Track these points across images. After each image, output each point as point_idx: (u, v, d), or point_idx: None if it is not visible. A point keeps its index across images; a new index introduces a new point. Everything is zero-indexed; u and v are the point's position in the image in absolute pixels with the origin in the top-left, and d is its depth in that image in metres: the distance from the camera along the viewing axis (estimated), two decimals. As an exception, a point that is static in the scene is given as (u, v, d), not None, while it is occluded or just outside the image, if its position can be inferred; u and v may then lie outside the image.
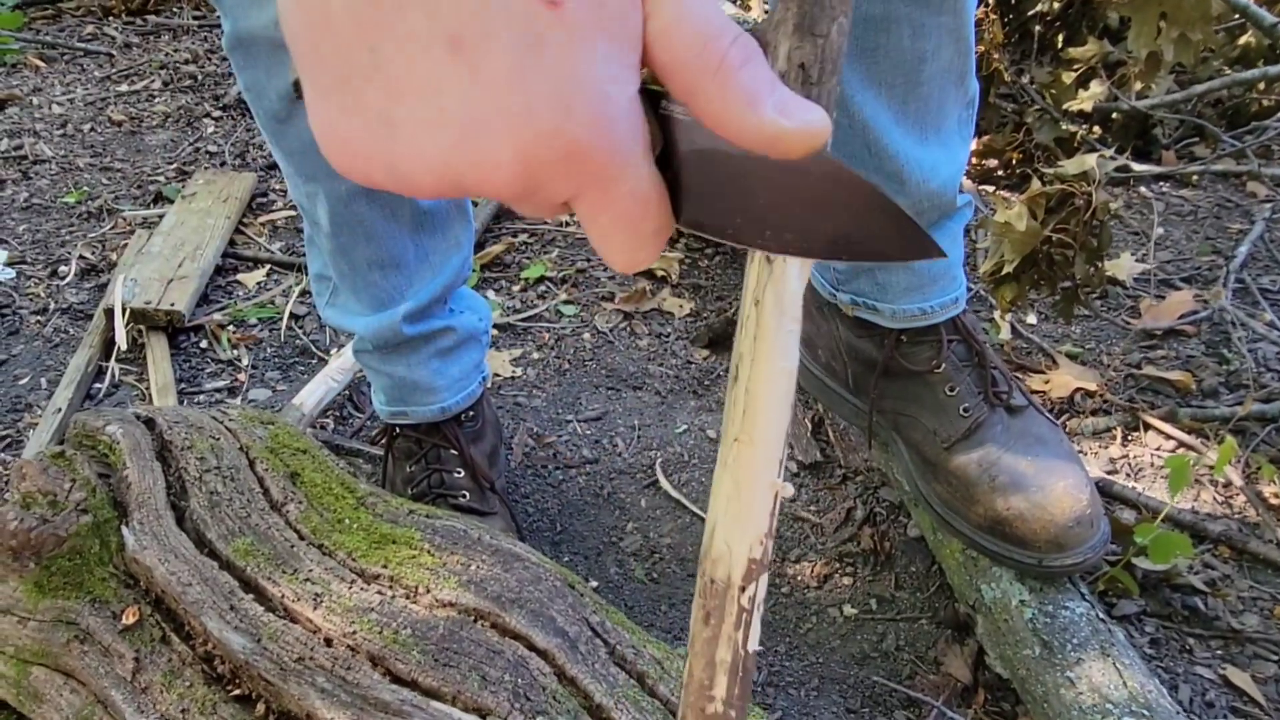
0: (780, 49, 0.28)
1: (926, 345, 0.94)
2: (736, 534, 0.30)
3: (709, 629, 0.31)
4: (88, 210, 1.82)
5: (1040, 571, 0.89)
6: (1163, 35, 1.36)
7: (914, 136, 0.82)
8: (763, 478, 0.30)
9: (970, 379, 0.93)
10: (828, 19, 0.28)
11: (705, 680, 0.31)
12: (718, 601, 0.31)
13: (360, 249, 0.90)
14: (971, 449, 0.91)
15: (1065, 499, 0.87)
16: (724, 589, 0.31)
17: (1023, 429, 0.92)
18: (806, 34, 0.28)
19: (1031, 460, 0.89)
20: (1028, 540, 0.87)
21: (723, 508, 0.31)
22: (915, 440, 0.96)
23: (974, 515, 0.91)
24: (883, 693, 0.96)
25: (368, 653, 0.64)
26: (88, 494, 0.74)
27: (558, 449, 1.27)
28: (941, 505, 0.95)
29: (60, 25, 2.77)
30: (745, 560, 0.30)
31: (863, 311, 0.95)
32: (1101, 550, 0.88)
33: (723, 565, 0.31)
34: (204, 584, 0.68)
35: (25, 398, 1.36)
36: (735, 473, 0.30)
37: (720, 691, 0.31)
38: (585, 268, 1.66)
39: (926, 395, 0.94)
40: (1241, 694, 0.93)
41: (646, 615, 1.05)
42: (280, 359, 1.44)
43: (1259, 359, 1.34)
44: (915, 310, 0.92)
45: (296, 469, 0.80)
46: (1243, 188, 1.81)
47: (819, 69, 0.28)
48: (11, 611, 0.72)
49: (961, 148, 0.88)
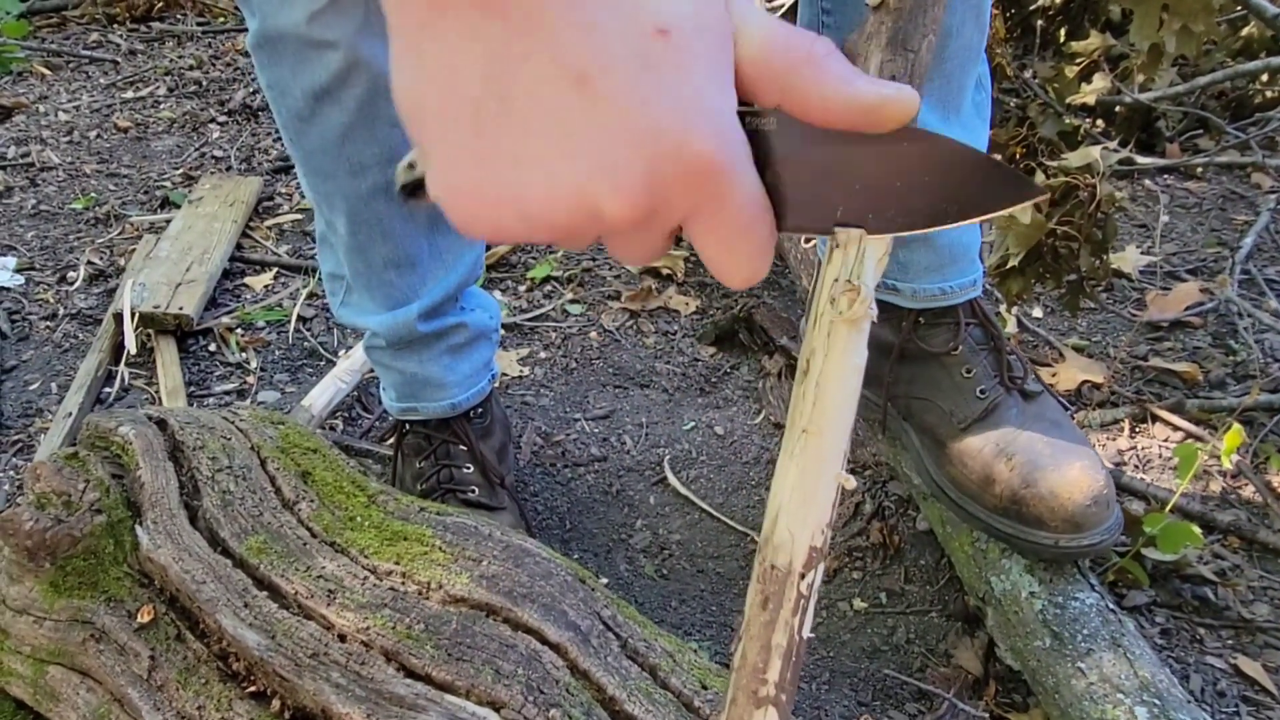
0: (872, 60, 0.30)
1: (944, 327, 0.94)
2: (800, 522, 0.31)
3: (767, 613, 0.32)
4: (95, 216, 1.83)
5: (1056, 553, 0.88)
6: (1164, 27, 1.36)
7: (937, 114, 0.83)
8: (829, 468, 0.31)
9: (987, 362, 0.93)
10: (919, 35, 0.30)
11: (760, 664, 0.32)
12: (777, 587, 0.31)
13: (377, 248, 0.91)
14: (987, 430, 0.91)
15: (1083, 479, 0.86)
16: (784, 575, 0.31)
17: (1037, 413, 0.93)
18: (900, 48, 0.30)
19: (1047, 442, 0.89)
20: (1045, 520, 0.87)
21: (787, 496, 0.31)
22: (929, 424, 0.96)
23: (989, 497, 0.91)
24: (894, 686, 0.97)
25: (381, 648, 0.64)
26: (101, 494, 0.74)
27: (566, 447, 1.28)
28: (955, 490, 0.94)
29: (65, 33, 2.78)
30: (807, 548, 0.31)
31: (882, 293, 0.95)
32: (1116, 533, 0.88)
33: (784, 552, 0.31)
34: (218, 582, 0.69)
35: (36, 402, 1.37)
36: (802, 462, 0.31)
37: (774, 675, 0.32)
38: (591, 267, 1.66)
39: (943, 378, 0.94)
40: (1253, 683, 0.93)
41: (657, 611, 1.05)
42: (288, 361, 1.45)
43: (1266, 349, 1.34)
44: (935, 290, 0.92)
45: (308, 468, 0.81)
46: (1247, 179, 1.81)
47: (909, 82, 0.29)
48: (28, 611, 0.73)
49: (981, 129, 0.89)
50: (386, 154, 0.84)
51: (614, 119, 0.28)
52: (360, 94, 0.80)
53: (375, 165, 0.85)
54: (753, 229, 0.30)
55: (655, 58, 0.28)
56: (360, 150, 0.83)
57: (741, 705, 0.32)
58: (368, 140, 0.83)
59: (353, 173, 0.85)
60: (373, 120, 0.82)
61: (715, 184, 0.29)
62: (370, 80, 0.79)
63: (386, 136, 0.83)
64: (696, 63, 0.28)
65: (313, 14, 0.75)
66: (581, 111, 0.28)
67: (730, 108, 0.29)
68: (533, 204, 0.29)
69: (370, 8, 0.76)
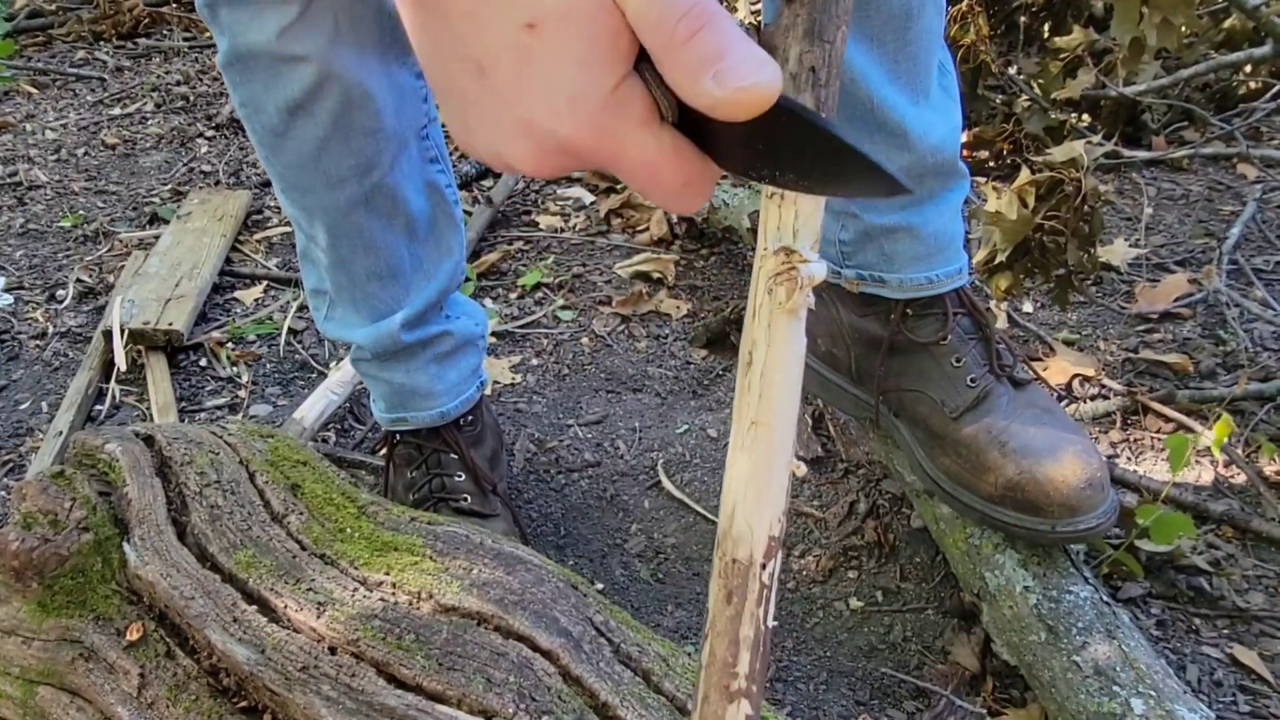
0: (791, 52, 0.31)
1: (932, 317, 0.94)
2: (757, 514, 0.32)
3: (731, 608, 0.32)
4: (84, 234, 1.82)
5: (1054, 539, 0.88)
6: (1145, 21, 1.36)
7: (907, 96, 0.83)
8: (780, 458, 0.31)
9: (976, 351, 0.93)
10: (834, 26, 0.31)
11: (729, 658, 0.32)
12: (740, 580, 0.32)
13: (359, 260, 0.91)
14: (980, 418, 0.91)
15: (1077, 462, 0.86)
16: (746, 568, 0.32)
17: (1028, 400, 0.93)
18: (816, 39, 0.31)
19: (1040, 427, 0.89)
20: (1041, 506, 0.87)
21: (741, 489, 0.32)
22: (921, 415, 0.96)
23: (985, 485, 0.90)
24: (891, 684, 0.96)
25: (372, 659, 0.64)
26: (88, 512, 0.74)
27: (559, 453, 1.28)
28: (950, 481, 0.94)
29: (51, 51, 2.78)
30: (766, 538, 0.32)
31: (869, 285, 0.95)
32: (1113, 517, 0.88)
33: (744, 545, 0.32)
34: (207, 597, 0.68)
35: (26, 422, 1.36)
36: (753, 454, 0.31)
37: (744, 668, 0.32)
38: (581, 273, 1.66)
39: (933, 368, 0.94)
40: (1250, 672, 0.93)
41: (653, 616, 1.05)
42: (280, 374, 1.45)
43: (1255, 339, 1.34)
44: (922, 279, 0.92)
45: (297, 481, 0.80)
46: (1233, 170, 1.81)
47: (827, 72, 0.30)
48: (16, 632, 0.72)
49: (953, 109, 0.89)
50: (362, 165, 0.84)
51: (502, 106, 0.32)
52: (333, 106, 0.80)
53: (352, 177, 0.85)
54: (657, 178, 0.32)
55: (528, 50, 0.30)
56: (336, 163, 0.83)
57: (715, 702, 0.32)
58: (343, 152, 0.83)
59: (330, 185, 0.85)
60: (347, 132, 0.82)
61: (595, 157, 0.32)
62: (342, 92, 0.79)
63: (361, 147, 0.83)
64: (566, 48, 0.30)
65: (283, 29, 0.75)
66: (483, 95, 0.32)
67: (605, 85, 0.30)
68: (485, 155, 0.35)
69: (340, 21, 0.76)
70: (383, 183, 0.87)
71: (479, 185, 1.96)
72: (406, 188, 0.90)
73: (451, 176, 0.98)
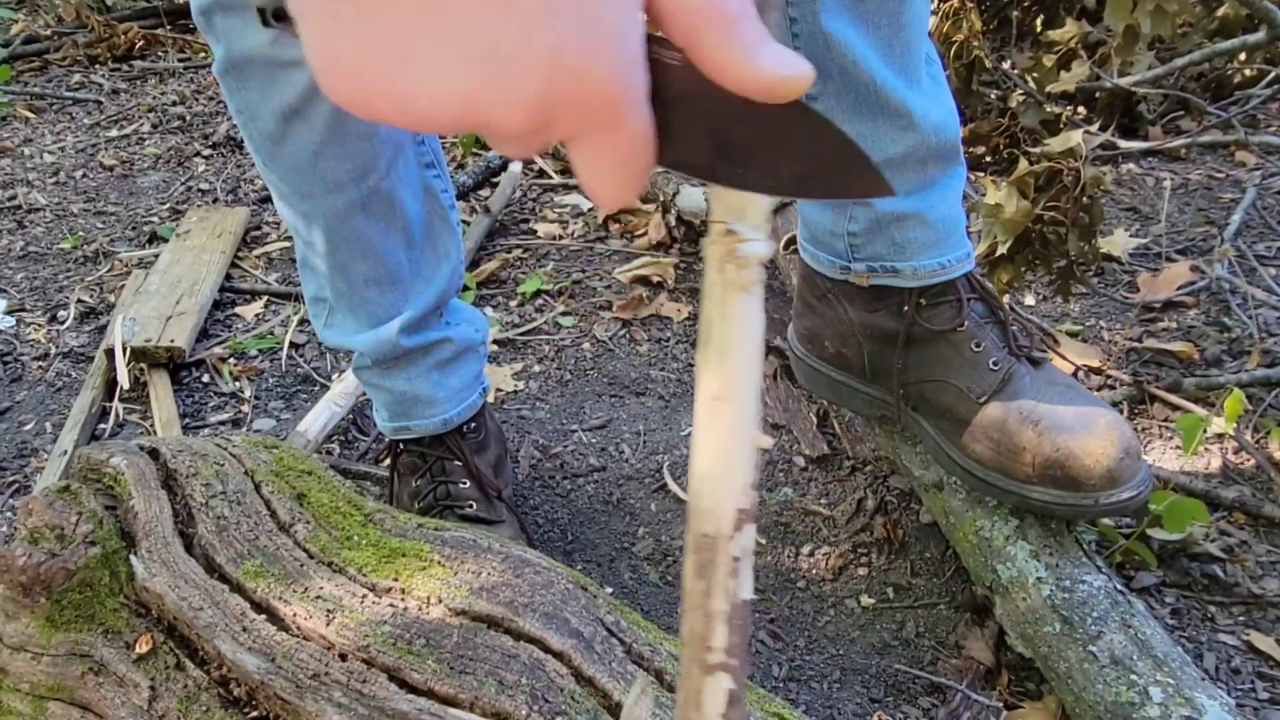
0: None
1: (947, 305, 0.93)
2: (723, 488, 0.32)
3: (703, 582, 0.32)
4: (84, 254, 1.83)
5: (1096, 512, 0.87)
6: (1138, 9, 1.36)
7: (903, 79, 0.83)
8: (744, 431, 0.32)
9: (993, 334, 0.93)
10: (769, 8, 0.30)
11: (703, 632, 0.33)
12: (709, 554, 0.32)
13: (357, 266, 0.91)
14: (1007, 400, 0.90)
15: (1113, 432, 0.86)
16: (714, 540, 0.32)
17: (1048, 378, 0.92)
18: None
19: (1069, 404, 0.89)
20: (1081, 480, 0.86)
21: (707, 463, 0.32)
22: (946, 404, 0.94)
23: (1021, 466, 0.89)
24: (905, 680, 0.96)
25: (382, 665, 0.64)
26: (95, 526, 0.74)
27: (564, 459, 1.27)
28: (982, 468, 0.93)
29: (48, 76, 2.79)
30: (733, 511, 0.32)
31: (880, 277, 0.94)
32: (1149, 486, 0.87)
33: (711, 519, 0.32)
34: (215, 608, 0.68)
35: (31, 442, 1.36)
36: (718, 429, 0.32)
37: (719, 641, 0.32)
38: (581, 279, 1.66)
39: (953, 355, 0.93)
40: (1267, 658, 0.92)
41: (664, 618, 1.04)
42: (283, 388, 1.44)
43: (1260, 325, 1.33)
44: (935, 265, 0.92)
45: (303, 490, 0.80)
46: (1231, 158, 1.81)
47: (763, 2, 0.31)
48: (25, 648, 0.72)
49: (945, 95, 0.89)
50: (359, 169, 0.85)
51: (516, 32, 0.26)
52: (328, 110, 0.80)
53: (349, 181, 0.85)
54: (634, 159, 0.30)
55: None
56: (333, 167, 0.84)
57: (695, 677, 0.33)
58: (339, 156, 0.83)
59: (327, 190, 0.85)
60: (342, 136, 0.82)
61: (608, 113, 0.28)
62: None
63: (357, 151, 0.83)
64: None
65: (277, 35, 0.75)
66: (484, 14, 0.26)
67: (637, 36, 0.28)
68: (418, 100, 0.27)
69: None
70: (379, 187, 0.87)
71: (476, 195, 1.96)
72: (403, 192, 0.90)
73: (448, 181, 0.98)
